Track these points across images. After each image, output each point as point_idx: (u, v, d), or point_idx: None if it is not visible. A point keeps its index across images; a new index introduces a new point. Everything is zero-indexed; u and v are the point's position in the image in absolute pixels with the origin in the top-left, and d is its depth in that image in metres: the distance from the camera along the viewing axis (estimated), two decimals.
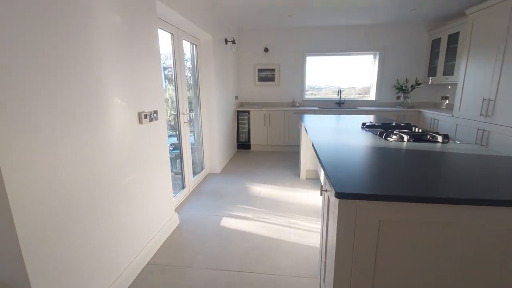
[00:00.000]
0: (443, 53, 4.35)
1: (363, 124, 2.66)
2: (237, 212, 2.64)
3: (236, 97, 5.18)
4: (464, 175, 1.19)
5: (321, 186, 1.35)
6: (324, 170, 1.26)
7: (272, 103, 5.45)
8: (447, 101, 4.73)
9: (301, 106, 5.22)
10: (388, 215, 1.00)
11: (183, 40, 2.95)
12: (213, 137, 3.79)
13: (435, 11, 4.09)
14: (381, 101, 5.21)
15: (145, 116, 1.82)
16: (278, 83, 5.35)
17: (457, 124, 3.65)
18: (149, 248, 1.94)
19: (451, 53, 4.14)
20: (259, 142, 5.11)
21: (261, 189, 3.21)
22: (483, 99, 3.15)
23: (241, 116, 5.06)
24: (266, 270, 1.83)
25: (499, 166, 1.34)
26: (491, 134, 3.02)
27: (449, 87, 4.64)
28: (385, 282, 1.07)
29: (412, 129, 2.32)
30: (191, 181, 3.21)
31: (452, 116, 3.75)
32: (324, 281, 1.37)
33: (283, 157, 4.65)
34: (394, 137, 1.99)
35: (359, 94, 5.48)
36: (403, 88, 4.86)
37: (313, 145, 1.82)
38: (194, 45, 3.32)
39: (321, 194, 1.36)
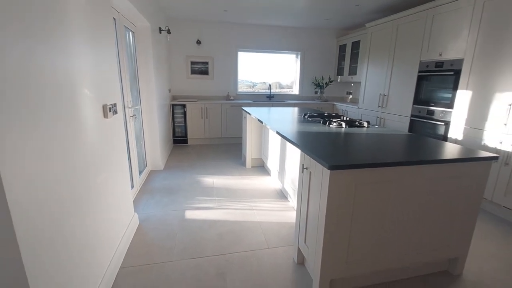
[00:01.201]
0: (348, 56, 5.36)
1: (304, 114, 3.11)
2: (197, 204, 2.68)
3: (169, 90, 4.96)
4: (392, 146, 1.68)
5: (302, 165, 1.63)
6: (304, 150, 1.54)
7: (207, 96, 5.46)
8: (351, 96, 5.86)
9: (236, 100, 5.45)
10: (360, 179, 1.36)
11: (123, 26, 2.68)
12: (154, 132, 3.58)
13: (343, 22, 4.98)
14: (303, 95, 5.98)
15: (109, 109, 1.67)
16: (212, 76, 5.40)
17: (361, 114, 4.63)
18: (120, 252, 1.81)
19: (354, 57, 5.15)
20: (196, 136, 5.07)
21: (214, 181, 3.30)
22: (380, 94, 4.13)
23: (176, 110, 4.89)
24: (244, 248, 2.01)
25: (409, 140, 1.93)
26: (386, 120, 4.02)
27: (352, 84, 5.76)
28: (359, 226, 1.44)
29: (341, 117, 2.89)
30: (138, 179, 3.00)
31: (358, 107, 4.73)
32: (305, 242, 1.67)
33: (223, 149, 4.80)
34: (334, 124, 2.47)
35: (284, 89, 6.11)
36: (320, 84, 5.73)
37: (278, 133, 2.09)
38: (131, 32, 3.04)
39: (302, 172, 1.63)
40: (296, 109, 4.01)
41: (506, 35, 2.40)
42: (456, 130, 2.91)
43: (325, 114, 3.17)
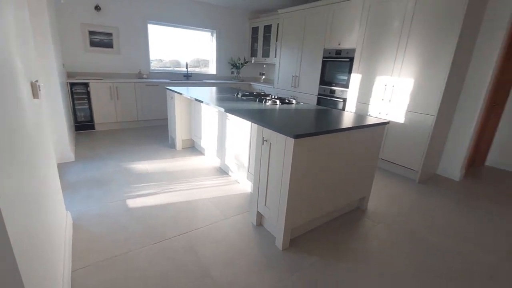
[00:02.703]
0: (261, 39, 5.74)
1: (237, 94, 3.27)
2: (138, 192, 2.50)
3: (63, 65, 4.05)
4: (323, 117, 2.11)
5: (262, 138, 1.82)
6: (265, 125, 1.74)
7: (113, 73, 4.76)
8: (264, 76, 6.36)
9: (150, 78, 4.99)
10: (312, 144, 1.69)
11: None
12: (59, 117, 2.95)
13: (257, 4, 5.24)
14: (220, 75, 6.05)
15: (39, 88, 1.35)
16: (118, 50, 4.70)
17: (277, 93, 5.17)
18: (67, 252, 1.57)
19: (267, 40, 5.57)
20: (106, 120, 4.43)
21: (146, 166, 3.08)
22: (292, 76, 4.71)
23: (77, 89, 4.08)
24: (203, 223, 2.09)
25: (332, 113, 2.42)
26: (298, 98, 4.66)
27: (264, 66, 6.24)
28: (310, 181, 1.79)
29: (271, 96, 3.22)
30: None
31: (274, 87, 5.24)
32: (265, 205, 1.92)
33: (143, 133, 4.42)
34: (269, 102, 2.76)
35: (198, 67, 6.00)
36: (237, 64, 5.93)
37: (226, 111, 2.19)
38: None
39: (262, 144, 1.83)
40: (214, 88, 4.10)
41: (383, 32, 3.23)
42: (351, 105, 3.75)
43: (255, 93, 3.43)
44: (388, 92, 3.26)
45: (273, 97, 3.14)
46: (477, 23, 2.81)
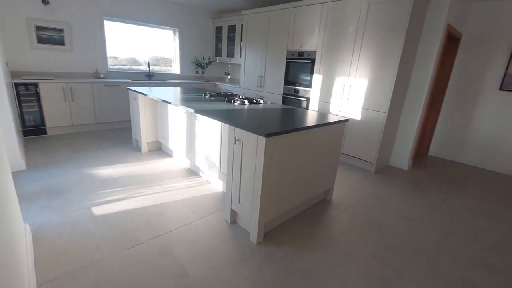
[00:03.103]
0: (225, 39, 5.76)
1: (204, 94, 3.28)
2: (104, 199, 2.39)
3: (7, 64, 3.64)
4: (291, 116, 2.25)
5: (234, 137, 1.88)
6: (237, 125, 1.81)
7: (67, 73, 4.40)
8: (229, 76, 6.39)
9: (108, 78, 4.71)
10: (283, 142, 1.80)
11: None
12: (7, 121, 2.67)
13: (219, 4, 5.24)
14: (184, 74, 5.94)
15: None
16: (70, 48, 4.36)
17: (243, 93, 5.25)
18: (30, 267, 1.47)
19: (231, 40, 5.61)
20: (60, 124, 4.09)
21: (110, 171, 2.94)
22: (258, 76, 4.83)
23: (23, 91, 3.70)
24: (177, 225, 2.09)
25: (298, 112, 2.57)
26: (264, 98, 4.80)
27: (230, 66, 6.28)
28: (281, 177, 1.91)
29: (238, 96, 3.28)
30: None
31: (240, 87, 5.31)
32: (239, 202, 1.99)
33: (103, 136, 4.17)
34: (238, 102, 2.83)
35: (158, 66, 5.82)
36: (201, 64, 5.88)
37: (196, 112, 2.21)
38: None
39: (234, 143, 1.89)
40: (179, 88, 4.05)
41: (340, 36, 3.50)
42: (314, 104, 3.98)
43: (222, 94, 3.46)
44: (346, 92, 3.54)
45: (241, 97, 3.21)
46: (419, 31, 3.20)
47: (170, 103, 2.66)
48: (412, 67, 3.39)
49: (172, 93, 3.32)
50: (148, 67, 5.26)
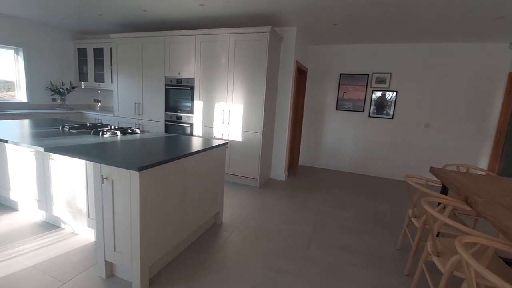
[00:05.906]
0: (91, 62, 5.08)
1: (62, 127, 2.72)
2: None
3: None
4: (170, 145, 2.19)
5: (101, 176, 1.61)
6: (104, 161, 1.58)
7: None
8: (99, 104, 5.63)
9: None
10: (161, 173, 1.71)
11: None
12: None
13: (83, 26, 4.61)
14: (35, 102, 4.78)
15: None
16: None
17: (118, 122, 4.72)
18: None
19: (99, 64, 5.01)
20: None
21: None
22: (135, 103, 4.48)
23: None
24: None
25: (178, 139, 2.53)
26: (145, 126, 4.48)
27: (99, 92, 5.56)
28: (164, 210, 1.79)
29: (109, 127, 2.92)
30: None
31: (114, 116, 4.75)
32: (115, 250, 1.71)
33: None
34: (108, 133, 2.50)
35: (2, 92, 4.49)
36: (60, 90, 4.90)
37: (47, 150, 1.80)
38: None
39: (102, 183, 1.62)
40: (27, 121, 3.26)
41: (214, 66, 3.76)
42: (198, 129, 4.04)
43: (88, 125, 2.98)
44: (227, 116, 3.79)
45: (112, 127, 2.86)
46: (277, 64, 3.87)
47: (7, 141, 2.05)
48: (276, 93, 4.04)
49: (14, 128, 2.58)
50: None
